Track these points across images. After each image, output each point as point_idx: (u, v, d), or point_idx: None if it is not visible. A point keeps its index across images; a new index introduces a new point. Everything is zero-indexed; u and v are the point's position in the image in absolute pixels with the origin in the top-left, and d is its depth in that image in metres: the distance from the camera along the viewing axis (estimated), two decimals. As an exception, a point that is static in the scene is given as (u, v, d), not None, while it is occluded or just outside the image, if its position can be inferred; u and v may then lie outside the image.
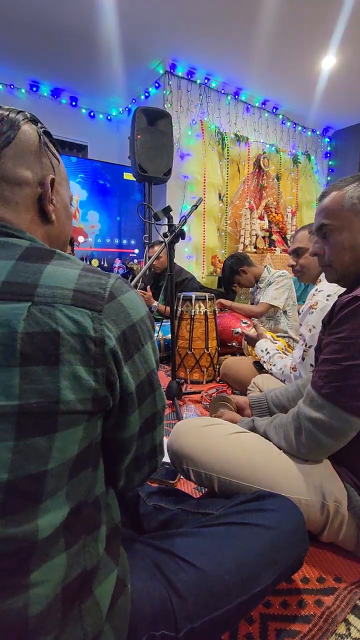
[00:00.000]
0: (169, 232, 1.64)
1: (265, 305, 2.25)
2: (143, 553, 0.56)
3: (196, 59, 3.42)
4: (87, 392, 0.41)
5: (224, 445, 0.85)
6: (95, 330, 0.42)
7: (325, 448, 0.77)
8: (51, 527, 0.39)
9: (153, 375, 0.51)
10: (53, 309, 0.40)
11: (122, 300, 0.46)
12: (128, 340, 0.46)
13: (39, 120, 0.55)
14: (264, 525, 0.62)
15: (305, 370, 1.31)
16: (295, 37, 3.02)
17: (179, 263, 3.26)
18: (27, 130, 0.52)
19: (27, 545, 0.37)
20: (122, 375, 0.45)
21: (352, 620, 0.68)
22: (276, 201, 4.38)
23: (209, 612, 0.51)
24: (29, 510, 0.38)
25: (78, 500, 0.42)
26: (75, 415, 0.41)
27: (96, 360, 0.42)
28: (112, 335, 0.43)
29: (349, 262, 0.83)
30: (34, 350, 0.39)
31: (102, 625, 0.44)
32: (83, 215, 3.79)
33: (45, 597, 0.38)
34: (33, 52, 3.27)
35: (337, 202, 0.83)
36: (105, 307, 0.44)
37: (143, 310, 0.49)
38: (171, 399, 1.73)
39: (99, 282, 0.45)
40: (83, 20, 2.84)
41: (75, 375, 0.40)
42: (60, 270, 0.44)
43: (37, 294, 0.41)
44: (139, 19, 2.82)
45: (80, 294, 0.43)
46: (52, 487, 0.39)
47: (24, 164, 0.51)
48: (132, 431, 0.50)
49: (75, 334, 0.41)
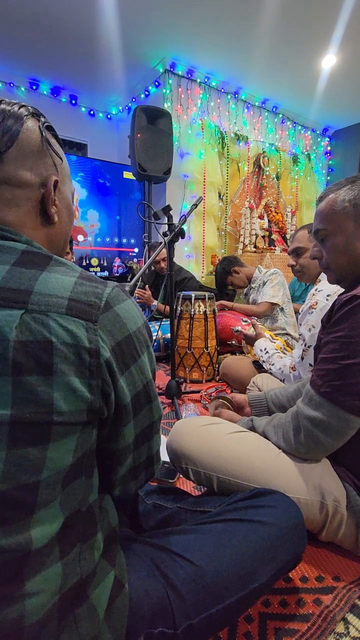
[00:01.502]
0: (168, 231, 1.64)
1: (266, 305, 2.27)
2: (141, 552, 0.56)
3: (196, 57, 3.42)
4: (82, 403, 0.41)
5: (223, 445, 0.85)
6: (90, 341, 0.41)
7: (324, 447, 0.77)
8: (45, 537, 0.38)
9: (150, 386, 0.51)
10: (47, 318, 0.40)
11: (118, 310, 0.45)
12: (124, 351, 0.45)
13: (41, 114, 0.54)
14: (262, 522, 0.62)
15: (304, 370, 1.31)
16: (295, 35, 3.02)
17: (179, 262, 3.26)
18: (30, 127, 0.50)
19: (21, 555, 0.37)
20: (118, 386, 0.45)
21: (351, 619, 0.68)
22: (276, 200, 4.38)
23: (207, 608, 0.51)
24: (23, 520, 0.37)
25: (72, 509, 0.42)
26: (69, 426, 0.40)
27: (91, 372, 0.41)
28: (106, 346, 0.43)
29: (346, 264, 0.84)
30: (27, 360, 0.38)
31: (99, 627, 0.44)
32: (83, 214, 3.79)
33: (41, 606, 0.38)
34: (33, 50, 3.26)
35: (330, 206, 0.84)
36: (100, 317, 0.43)
37: (140, 320, 0.48)
38: (170, 398, 1.73)
39: (95, 290, 0.44)
40: (83, 18, 2.83)
41: (70, 386, 0.40)
42: (56, 278, 0.43)
43: (31, 302, 0.40)
44: (139, 17, 2.81)
45: (76, 303, 0.42)
46: (45, 497, 0.39)
47: (27, 166, 0.50)
48: (126, 442, 0.50)
49: (70, 344, 0.40)
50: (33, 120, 0.51)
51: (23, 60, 3.44)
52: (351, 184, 0.83)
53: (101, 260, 3.93)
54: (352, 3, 2.64)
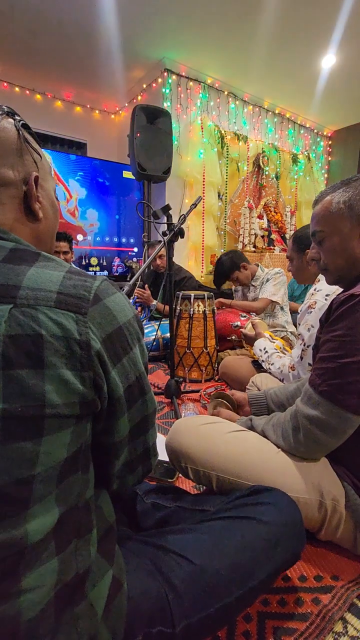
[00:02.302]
0: (168, 230, 1.64)
1: (266, 301, 2.27)
2: (139, 551, 0.56)
3: (196, 57, 3.41)
4: (74, 396, 0.41)
5: (222, 444, 0.85)
6: (80, 333, 0.42)
7: (323, 446, 0.77)
8: (41, 532, 0.39)
9: (143, 379, 0.51)
10: (36, 312, 0.40)
11: (108, 302, 0.46)
12: (115, 343, 0.45)
13: (15, 113, 0.54)
14: (260, 520, 0.62)
15: (303, 370, 1.31)
16: (295, 35, 3.01)
17: (178, 262, 3.26)
18: (6, 127, 0.51)
19: (16, 551, 0.37)
20: (110, 378, 0.45)
21: (349, 618, 0.68)
22: (275, 200, 4.38)
23: (205, 607, 0.51)
24: (17, 515, 0.37)
25: (68, 505, 0.42)
26: (63, 419, 0.40)
27: (82, 364, 0.41)
28: (97, 338, 0.43)
29: (343, 265, 0.85)
30: (17, 353, 0.38)
31: (98, 626, 0.43)
32: (82, 214, 3.78)
33: (37, 602, 0.38)
34: (32, 49, 3.26)
35: (326, 208, 0.85)
36: (90, 309, 0.43)
37: (130, 313, 0.49)
38: (170, 398, 1.73)
39: (84, 284, 0.45)
40: (82, 17, 2.82)
41: (62, 378, 0.40)
42: (44, 273, 0.43)
43: (19, 296, 0.40)
44: (138, 16, 2.81)
45: (64, 296, 0.42)
46: (40, 492, 0.39)
47: (7, 164, 0.50)
48: (121, 435, 0.50)
49: (60, 337, 0.40)
50: (8, 119, 0.52)
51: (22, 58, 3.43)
52: (345, 186, 0.83)
53: (100, 259, 3.92)
54: (351, 3, 2.64)
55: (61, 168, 3.61)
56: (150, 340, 2.38)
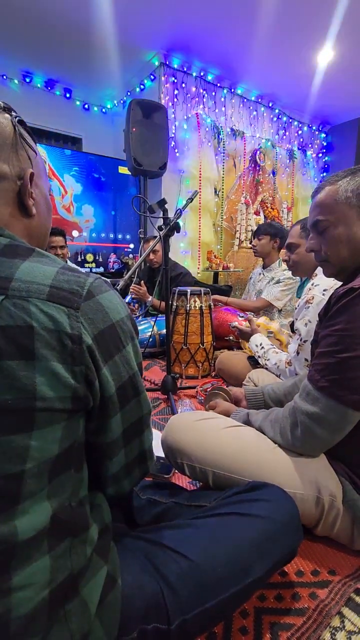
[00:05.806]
0: (164, 225, 1.63)
1: (264, 302, 2.26)
2: (134, 547, 0.55)
3: (192, 51, 3.38)
4: (66, 389, 0.41)
5: (218, 439, 0.84)
6: (72, 327, 0.41)
7: (321, 442, 0.77)
8: (32, 530, 0.38)
9: (136, 378, 0.50)
10: (27, 303, 0.40)
11: (101, 299, 0.45)
12: (107, 340, 0.45)
13: (12, 109, 0.54)
14: (257, 515, 0.61)
15: (300, 365, 1.30)
16: (292, 29, 2.99)
17: (174, 258, 3.24)
18: (2, 122, 0.51)
19: (6, 547, 0.36)
20: (101, 375, 0.45)
21: (347, 613, 0.68)
22: (272, 196, 4.37)
23: (201, 603, 0.51)
24: (6, 510, 0.37)
25: (61, 503, 0.42)
26: (54, 413, 0.40)
27: (74, 358, 0.41)
28: (88, 333, 0.43)
29: (347, 256, 0.83)
30: (7, 345, 0.38)
31: (91, 623, 0.43)
32: (77, 209, 3.75)
33: (29, 600, 0.37)
34: (26, 42, 3.21)
35: (331, 196, 0.83)
36: (82, 304, 0.43)
37: (123, 311, 0.48)
38: (166, 394, 1.72)
39: (78, 280, 0.45)
40: (77, 10, 2.78)
41: (53, 371, 0.40)
42: (38, 267, 0.43)
43: (11, 288, 0.40)
44: (134, 9, 2.77)
45: (57, 290, 0.42)
46: (31, 488, 0.38)
47: (1, 159, 0.50)
48: (114, 435, 0.50)
49: (51, 330, 0.40)
50: (4, 114, 0.52)
51: (16, 52, 3.39)
52: (352, 175, 0.82)
53: (96, 256, 3.90)
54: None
55: (56, 163, 3.58)
56: (147, 337, 2.37)
